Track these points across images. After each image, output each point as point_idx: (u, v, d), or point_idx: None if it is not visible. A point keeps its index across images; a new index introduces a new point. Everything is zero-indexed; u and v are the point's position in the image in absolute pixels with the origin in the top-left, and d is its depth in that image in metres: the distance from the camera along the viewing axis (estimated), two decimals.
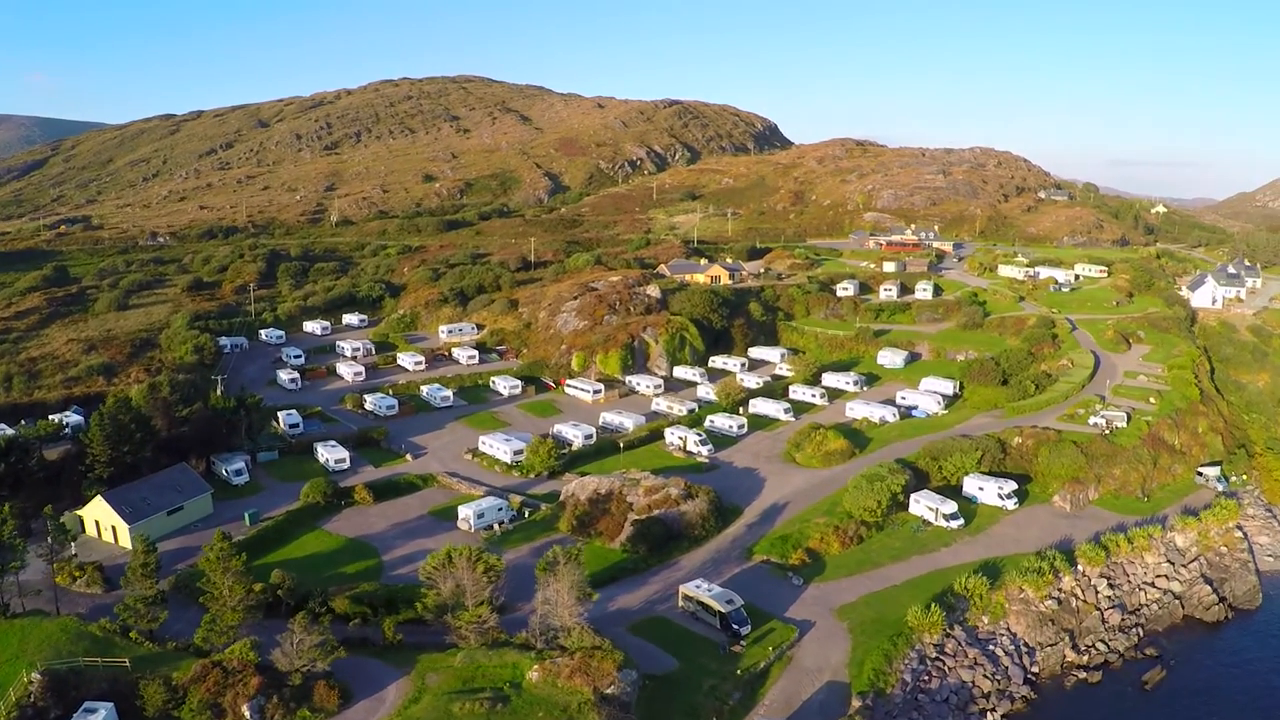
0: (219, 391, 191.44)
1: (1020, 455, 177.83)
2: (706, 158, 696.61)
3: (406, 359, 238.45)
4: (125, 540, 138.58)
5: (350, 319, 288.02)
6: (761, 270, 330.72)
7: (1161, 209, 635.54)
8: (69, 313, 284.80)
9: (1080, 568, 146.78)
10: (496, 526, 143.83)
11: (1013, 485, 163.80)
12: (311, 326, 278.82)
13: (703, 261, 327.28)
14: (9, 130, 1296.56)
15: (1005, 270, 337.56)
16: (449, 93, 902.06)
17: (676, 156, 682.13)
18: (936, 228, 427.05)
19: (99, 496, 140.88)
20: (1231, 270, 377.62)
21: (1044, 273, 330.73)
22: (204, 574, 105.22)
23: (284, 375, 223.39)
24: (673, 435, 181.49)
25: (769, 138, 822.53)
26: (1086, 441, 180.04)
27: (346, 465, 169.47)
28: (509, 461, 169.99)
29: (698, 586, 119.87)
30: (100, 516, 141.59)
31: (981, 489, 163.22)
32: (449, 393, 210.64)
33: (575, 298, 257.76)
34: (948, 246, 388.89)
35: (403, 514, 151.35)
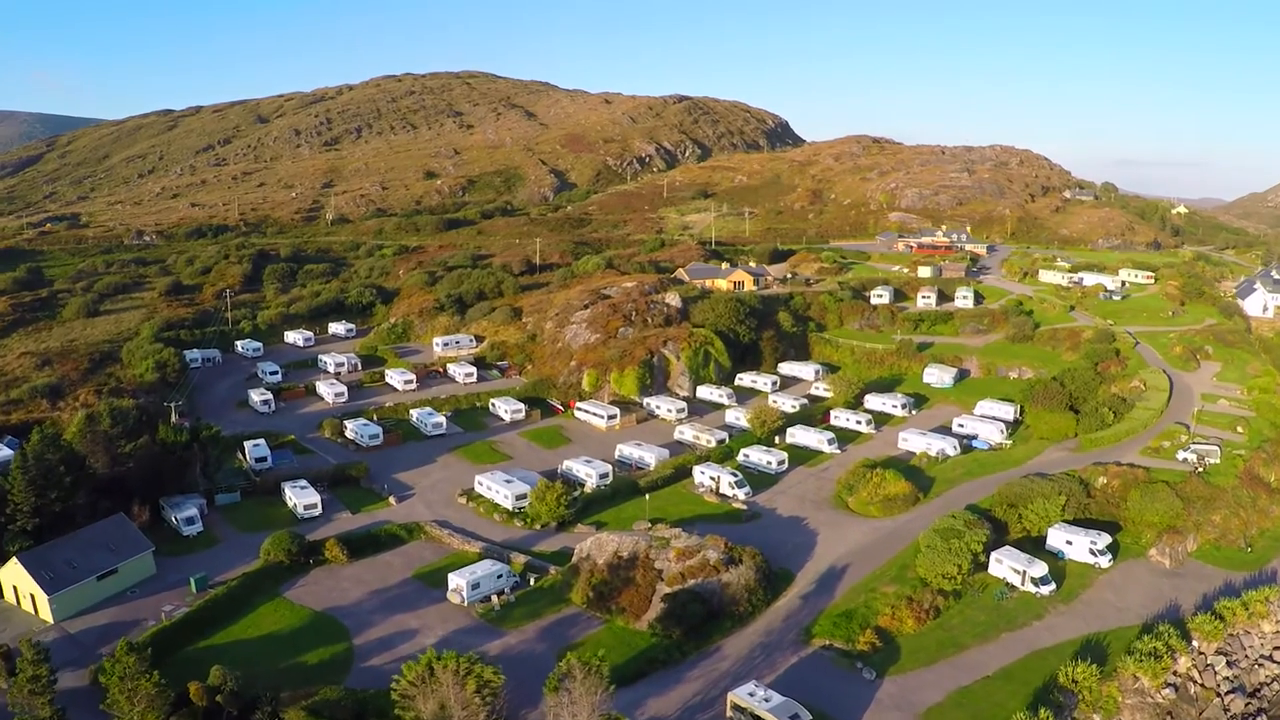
0: (171, 420, 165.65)
1: (1106, 499, 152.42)
2: (718, 155, 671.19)
3: (395, 376, 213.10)
4: (46, 612, 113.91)
5: (337, 328, 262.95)
6: (788, 275, 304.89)
7: (1183, 210, 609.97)
8: (35, 320, 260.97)
9: (1195, 644, 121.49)
10: (495, 599, 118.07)
11: (1106, 538, 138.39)
12: (293, 337, 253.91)
13: (724, 265, 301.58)
14: (11, 127, 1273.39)
15: (1047, 276, 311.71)
16: (452, 88, 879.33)
17: (687, 153, 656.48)
18: (968, 229, 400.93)
19: (14, 559, 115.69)
20: (1277, 275, 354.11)
21: (1088, 279, 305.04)
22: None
23: (256, 396, 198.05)
24: (703, 475, 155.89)
25: (780, 135, 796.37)
26: (1179, 481, 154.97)
27: (318, 512, 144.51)
28: (510, 508, 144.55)
29: (751, 695, 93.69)
30: (18, 581, 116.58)
31: (1070, 542, 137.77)
32: (442, 419, 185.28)
33: (586, 306, 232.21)
34: (982, 249, 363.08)
35: (382, 577, 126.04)
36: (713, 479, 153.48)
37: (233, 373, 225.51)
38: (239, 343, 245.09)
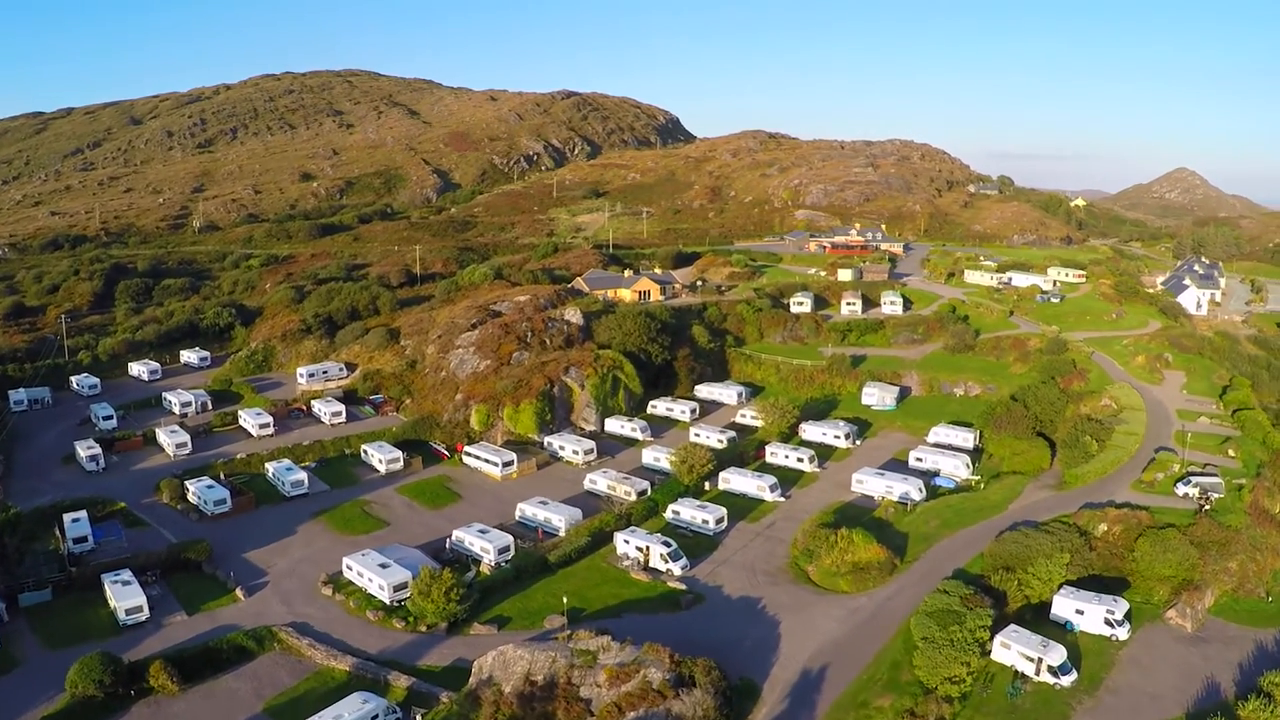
0: None
1: (1109, 549, 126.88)
2: (608, 152, 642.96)
3: (250, 418, 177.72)
4: None
5: (189, 357, 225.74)
6: (697, 282, 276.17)
7: (1081, 203, 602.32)
8: None
9: None
10: None
11: (1124, 605, 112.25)
12: (137, 369, 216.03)
13: (626, 273, 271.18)
14: None
15: (974, 277, 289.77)
16: (333, 87, 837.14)
17: (576, 151, 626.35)
18: (883, 227, 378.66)
19: None
20: (1201, 270, 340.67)
21: (1017, 279, 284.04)
22: None
23: (82, 450, 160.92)
24: (627, 544, 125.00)
25: (672, 131, 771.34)
26: (1187, 524, 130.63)
27: (144, 616, 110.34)
28: (387, 601, 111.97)
29: None
30: None
31: (1081, 612, 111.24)
32: (303, 475, 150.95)
33: (473, 326, 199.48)
34: (898, 248, 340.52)
35: (226, 712, 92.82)
36: (640, 549, 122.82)
37: (65, 416, 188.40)
38: (74, 378, 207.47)
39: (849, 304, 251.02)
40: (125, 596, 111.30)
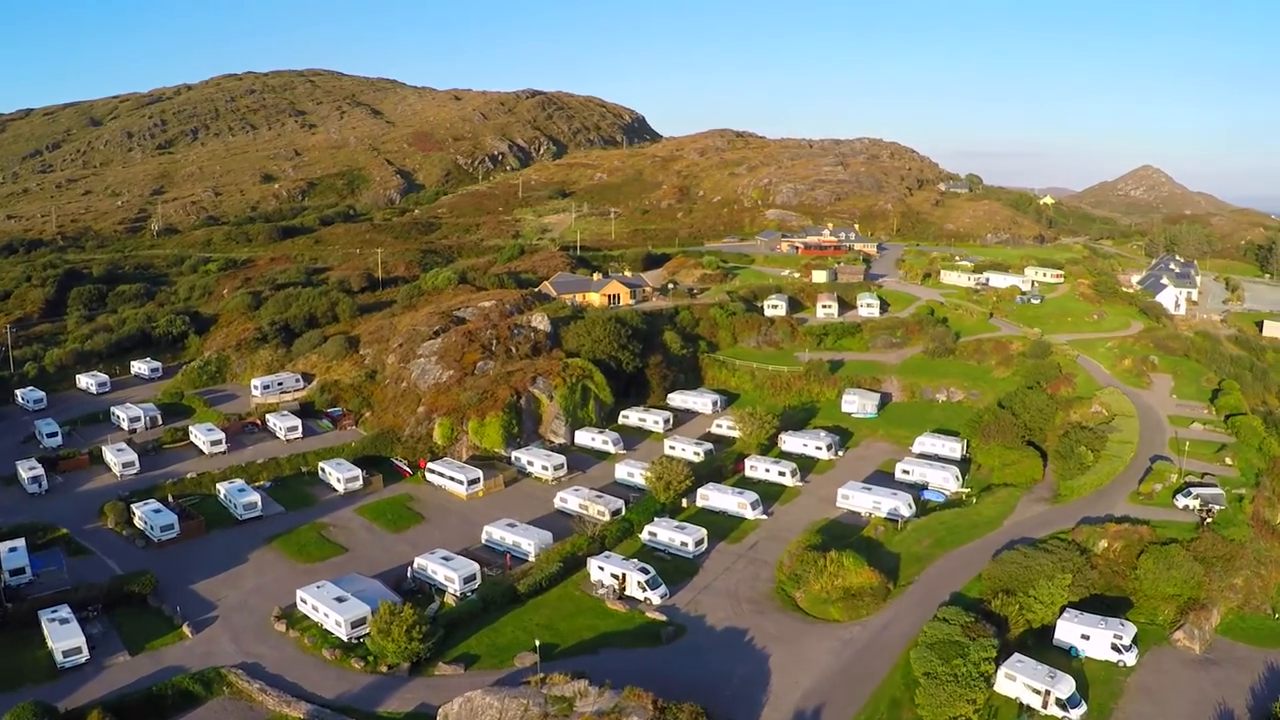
0: None
1: (1110, 567, 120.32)
2: (574, 151, 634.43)
3: (201, 434, 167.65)
4: None
5: (140, 368, 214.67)
6: (668, 285, 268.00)
7: (1050, 200, 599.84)
8: None
9: None
10: None
11: (1131, 629, 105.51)
12: (86, 382, 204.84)
13: (595, 276, 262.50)
14: None
15: (950, 277, 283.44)
16: (295, 86, 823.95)
17: (542, 150, 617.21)
18: (856, 227, 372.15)
19: None
20: (1177, 269, 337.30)
21: (994, 279, 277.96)
22: None
23: (24, 471, 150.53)
24: (602, 571, 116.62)
25: (638, 130, 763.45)
26: (1190, 539, 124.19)
27: (83, 657, 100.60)
28: (345, 638, 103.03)
29: None
30: None
31: (1086, 637, 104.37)
32: (256, 496, 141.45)
33: (436, 334, 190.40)
34: (872, 248, 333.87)
35: None
36: (616, 576, 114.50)
37: (8, 433, 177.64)
38: (19, 392, 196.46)
39: (825, 307, 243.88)
40: (63, 636, 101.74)
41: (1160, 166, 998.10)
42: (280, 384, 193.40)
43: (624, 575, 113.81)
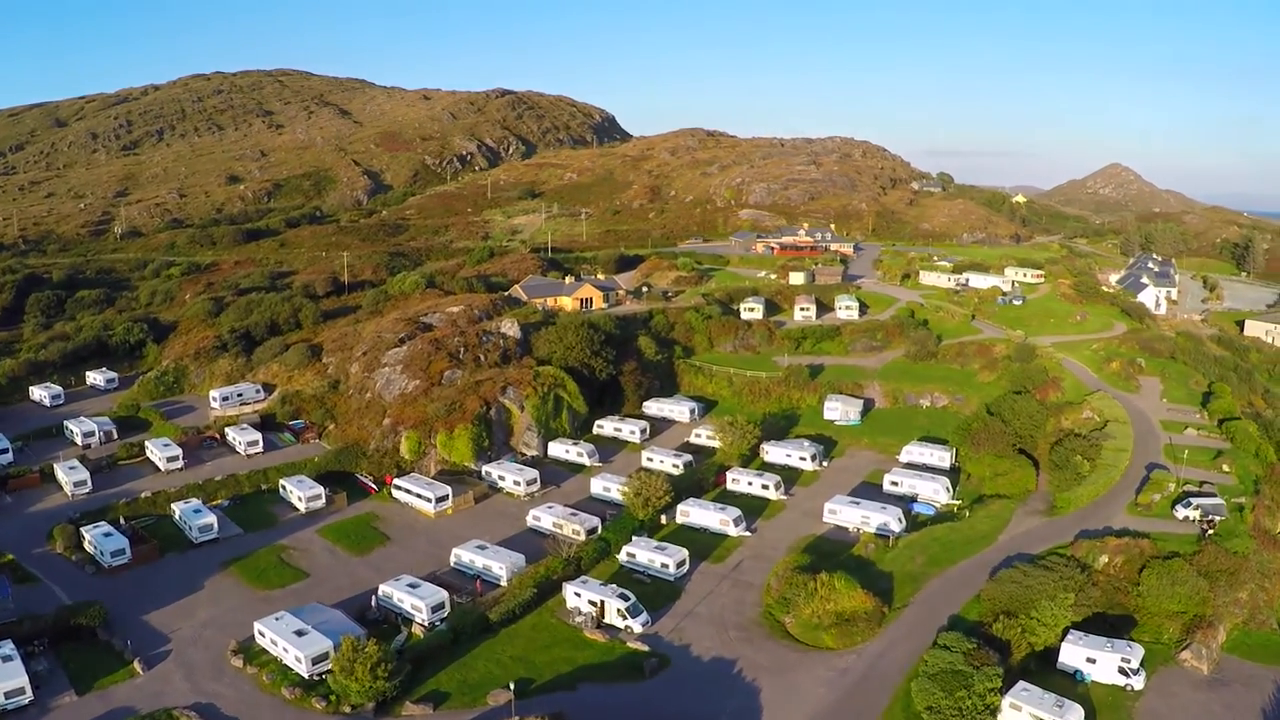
0: None
1: (1111, 583, 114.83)
2: (544, 151, 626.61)
3: (157, 449, 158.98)
4: None
5: (96, 379, 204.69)
6: (642, 288, 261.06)
7: (1022, 199, 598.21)
8: None
9: None
10: None
11: (1139, 652, 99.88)
12: (39, 394, 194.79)
13: (566, 279, 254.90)
14: None
15: (929, 278, 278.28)
16: (263, 86, 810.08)
17: (511, 150, 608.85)
18: (832, 227, 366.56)
19: None
20: (1156, 267, 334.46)
21: (974, 280, 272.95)
22: None
23: None
24: (578, 597, 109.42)
25: (608, 129, 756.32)
26: (1193, 552, 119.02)
27: (26, 698, 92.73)
28: (305, 675, 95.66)
29: None
30: None
31: (1092, 660, 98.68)
32: (213, 517, 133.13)
33: (401, 341, 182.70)
34: (848, 248, 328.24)
35: None
36: (593, 603, 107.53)
37: None
38: None
39: (802, 309, 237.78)
40: (5, 676, 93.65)
41: (1129, 165, 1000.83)
42: (240, 395, 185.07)
43: (602, 602, 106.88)
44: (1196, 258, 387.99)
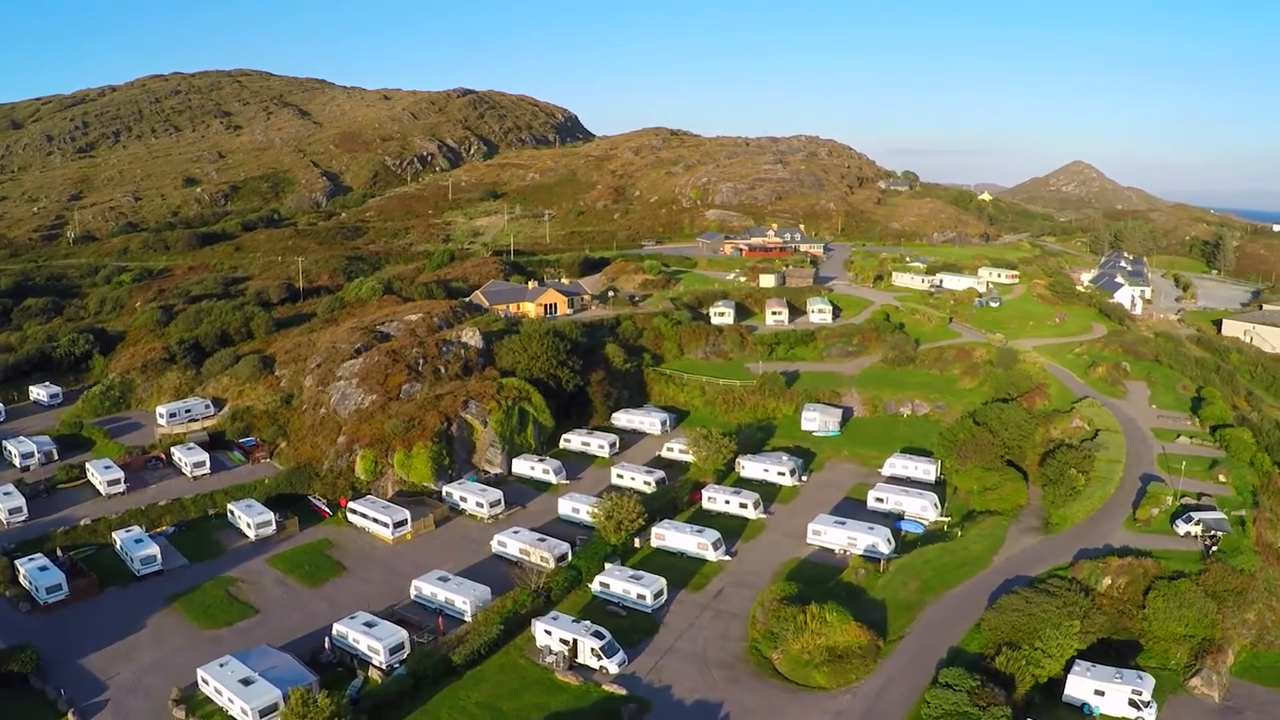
0: None
1: (1115, 606, 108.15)
2: (505, 151, 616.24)
3: (99, 471, 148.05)
4: None
5: (39, 393, 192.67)
6: (608, 292, 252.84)
7: (988, 198, 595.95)
8: None
9: None
10: None
11: (1150, 682, 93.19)
12: None
13: (530, 284, 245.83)
14: None
15: (903, 279, 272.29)
16: (222, 87, 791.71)
17: (472, 150, 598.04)
18: (801, 227, 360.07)
19: None
20: (1129, 266, 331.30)
21: (948, 281, 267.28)
22: None
23: None
24: (549, 635, 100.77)
25: (571, 129, 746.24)
26: (1198, 571, 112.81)
27: None
28: None
29: None
30: None
31: (1101, 693, 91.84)
32: (155, 548, 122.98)
33: (357, 353, 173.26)
34: (818, 249, 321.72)
35: None
36: (565, 642, 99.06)
37: None
38: None
39: (774, 313, 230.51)
40: None
41: (1091, 162, 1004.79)
42: (188, 411, 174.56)
43: (575, 641, 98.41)
44: (1166, 255, 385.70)
